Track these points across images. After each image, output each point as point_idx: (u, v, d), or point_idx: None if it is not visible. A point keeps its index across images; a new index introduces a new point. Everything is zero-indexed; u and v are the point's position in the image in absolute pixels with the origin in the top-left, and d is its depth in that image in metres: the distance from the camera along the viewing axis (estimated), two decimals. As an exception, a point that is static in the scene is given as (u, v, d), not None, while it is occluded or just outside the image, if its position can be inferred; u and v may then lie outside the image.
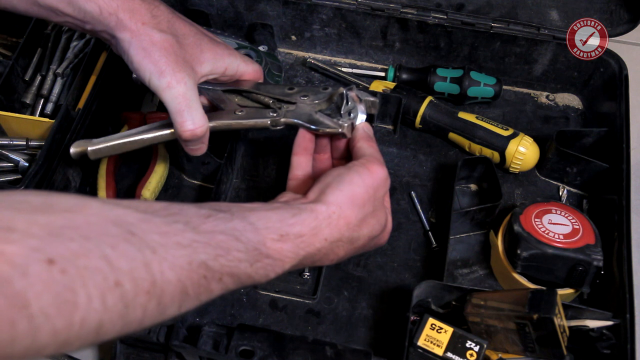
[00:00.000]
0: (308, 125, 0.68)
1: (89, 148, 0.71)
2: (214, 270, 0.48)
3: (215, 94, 0.73)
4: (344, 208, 0.58)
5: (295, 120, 0.68)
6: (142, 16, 0.66)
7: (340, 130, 0.67)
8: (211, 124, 0.68)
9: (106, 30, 0.66)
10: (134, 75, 0.68)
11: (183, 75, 0.66)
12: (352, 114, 0.68)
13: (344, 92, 0.68)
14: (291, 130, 0.69)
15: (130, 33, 0.65)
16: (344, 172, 0.60)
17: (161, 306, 0.44)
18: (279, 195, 0.62)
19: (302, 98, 0.70)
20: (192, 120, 0.66)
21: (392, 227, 0.67)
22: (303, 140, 0.69)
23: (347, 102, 0.68)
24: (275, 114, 0.68)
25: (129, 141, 0.71)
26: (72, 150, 0.72)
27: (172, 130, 0.69)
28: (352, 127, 0.67)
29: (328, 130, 0.67)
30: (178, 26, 0.69)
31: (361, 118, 0.68)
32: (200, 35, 0.71)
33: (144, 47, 0.65)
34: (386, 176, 0.62)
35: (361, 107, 0.68)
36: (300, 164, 0.69)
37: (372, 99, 0.69)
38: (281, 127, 0.69)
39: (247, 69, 0.74)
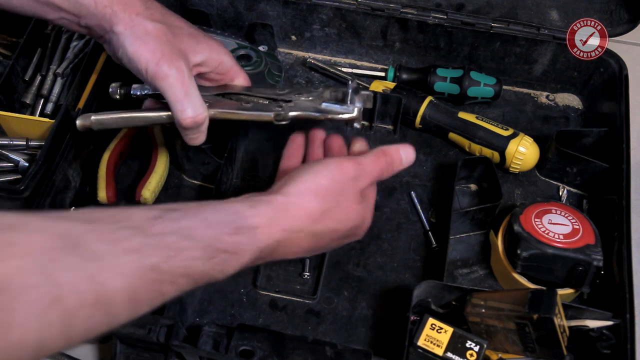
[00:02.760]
0: (317, 114, 0.66)
1: (93, 117, 0.72)
2: (166, 272, 0.47)
3: (211, 99, 0.72)
4: (303, 198, 0.57)
5: (304, 112, 0.67)
6: (136, 7, 0.65)
7: (353, 114, 0.66)
8: (214, 111, 0.67)
9: (100, 24, 0.66)
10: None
11: (180, 63, 0.65)
12: (347, 98, 0.68)
13: (350, 82, 0.68)
14: (294, 128, 0.69)
15: (124, 24, 0.65)
16: (312, 165, 0.60)
17: (109, 315, 0.44)
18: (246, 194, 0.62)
19: (297, 96, 0.70)
20: (192, 107, 0.65)
21: (369, 223, 0.67)
22: (292, 146, 0.70)
23: (352, 93, 0.68)
24: (280, 108, 0.67)
25: (132, 116, 0.72)
26: (78, 122, 0.73)
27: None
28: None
29: (339, 116, 0.66)
30: (172, 19, 0.69)
31: (359, 109, 0.68)
32: (194, 29, 0.71)
33: (139, 37, 0.64)
34: (357, 175, 0.61)
35: (359, 100, 0.68)
36: (288, 170, 0.69)
37: (367, 92, 0.70)
38: (287, 122, 0.68)
39: (239, 73, 0.73)
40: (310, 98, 0.69)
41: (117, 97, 0.73)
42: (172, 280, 0.48)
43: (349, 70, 0.97)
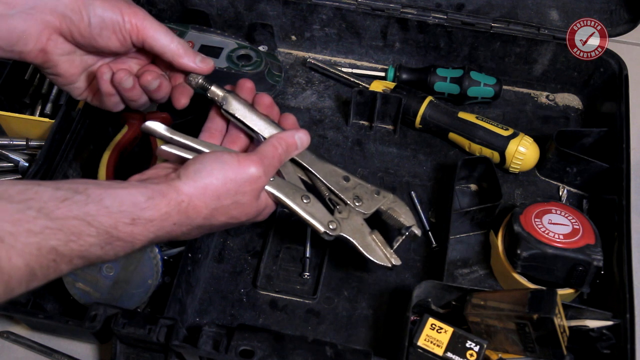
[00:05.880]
0: (361, 249, 0.69)
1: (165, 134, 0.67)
2: (64, 254, 0.51)
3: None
4: (194, 198, 0.59)
5: (351, 240, 0.69)
6: None
7: (390, 265, 0.69)
8: (277, 192, 0.67)
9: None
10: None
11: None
12: (397, 244, 0.71)
13: (410, 230, 0.71)
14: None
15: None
16: (211, 161, 0.61)
17: (8, 288, 0.47)
18: (151, 167, 0.66)
19: (355, 202, 0.71)
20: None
21: (272, 209, 0.68)
22: (214, 121, 0.71)
23: (404, 238, 0.72)
24: (333, 227, 0.68)
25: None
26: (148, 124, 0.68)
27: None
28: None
29: (376, 261, 0.69)
30: None
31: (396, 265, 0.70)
32: None
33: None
34: (258, 175, 0.63)
35: (403, 237, 0.72)
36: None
37: (417, 231, 0.72)
38: (332, 239, 0.69)
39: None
40: (366, 211, 0.71)
41: (193, 84, 0.71)
42: (69, 260, 0.52)
43: (349, 70, 0.97)
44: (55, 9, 0.64)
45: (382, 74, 0.97)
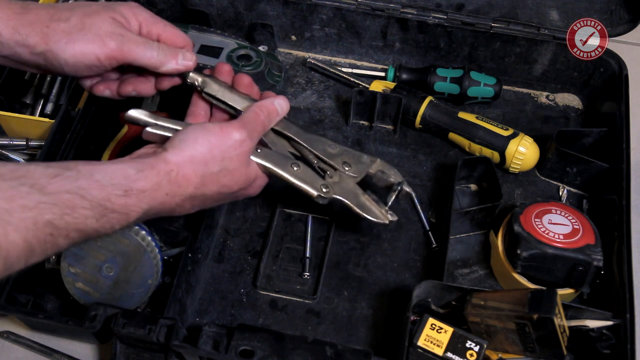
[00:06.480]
0: (356, 208, 0.70)
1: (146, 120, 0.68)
2: (60, 228, 0.51)
3: (266, 139, 0.72)
4: (182, 166, 0.60)
5: (345, 201, 0.70)
6: (42, 21, 0.65)
7: (386, 222, 0.70)
8: (265, 163, 0.67)
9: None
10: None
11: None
12: (390, 201, 0.72)
13: (402, 187, 0.73)
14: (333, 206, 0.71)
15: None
16: (195, 130, 0.62)
17: (7, 264, 0.48)
18: (140, 148, 0.66)
19: (344, 167, 0.72)
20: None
21: (264, 182, 0.69)
22: (196, 108, 0.72)
23: (397, 195, 0.72)
24: (326, 189, 0.69)
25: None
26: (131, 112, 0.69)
27: None
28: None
29: (372, 219, 0.70)
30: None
31: (393, 221, 0.71)
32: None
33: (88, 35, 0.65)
34: (242, 139, 0.63)
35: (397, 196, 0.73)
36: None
37: (408, 189, 0.74)
38: (326, 203, 0.70)
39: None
40: (356, 175, 0.72)
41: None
42: (66, 234, 0.52)
43: (349, 70, 0.97)
44: (29, 60, 0.66)
45: (382, 74, 0.97)
